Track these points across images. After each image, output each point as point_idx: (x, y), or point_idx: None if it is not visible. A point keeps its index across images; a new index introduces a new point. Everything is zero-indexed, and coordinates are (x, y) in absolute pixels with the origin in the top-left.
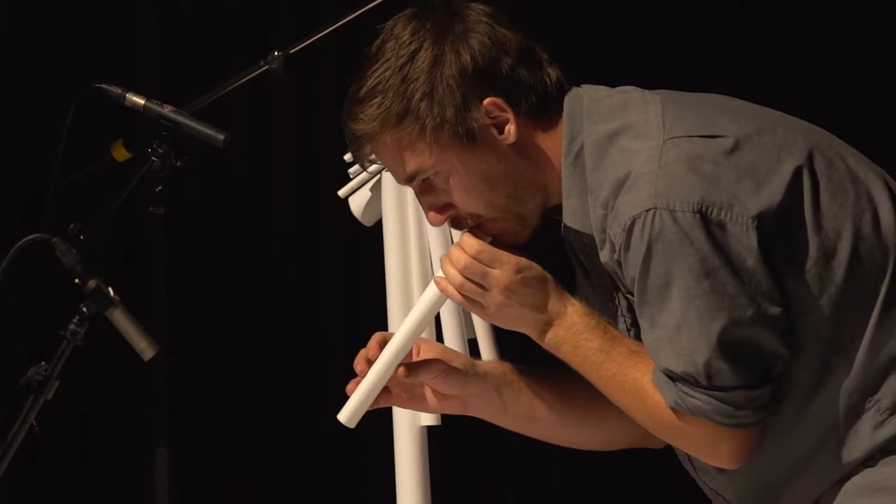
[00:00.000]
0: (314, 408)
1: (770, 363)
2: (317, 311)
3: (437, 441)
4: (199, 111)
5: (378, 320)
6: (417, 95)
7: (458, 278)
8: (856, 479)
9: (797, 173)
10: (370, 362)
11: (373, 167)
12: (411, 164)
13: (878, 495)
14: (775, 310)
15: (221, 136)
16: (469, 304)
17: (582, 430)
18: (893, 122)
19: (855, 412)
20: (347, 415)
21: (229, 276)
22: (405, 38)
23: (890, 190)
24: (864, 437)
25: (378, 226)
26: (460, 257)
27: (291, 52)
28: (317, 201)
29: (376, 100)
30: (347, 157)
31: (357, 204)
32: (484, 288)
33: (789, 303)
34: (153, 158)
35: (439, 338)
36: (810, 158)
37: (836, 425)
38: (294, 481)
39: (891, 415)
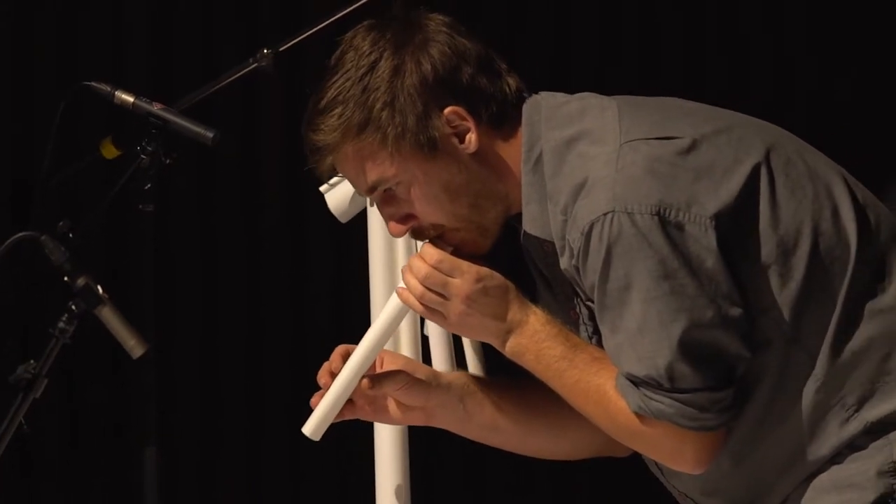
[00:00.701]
0: (304, 406)
1: (732, 365)
2: (307, 309)
3: (420, 439)
4: (189, 109)
5: (368, 318)
6: (378, 105)
7: (419, 288)
8: (823, 477)
9: (755, 171)
10: (334, 375)
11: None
12: (373, 175)
13: (845, 492)
14: (735, 311)
15: (210, 134)
16: (430, 313)
17: (545, 440)
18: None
19: (821, 409)
20: (312, 427)
21: (219, 274)
22: (365, 48)
23: (849, 187)
24: (830, 433)
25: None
26: (420, 267)
27: (281, 49)
28: (306, 198)
29: (337, 110)
30: None
31: (334, 200)
32: (444, 297)
33: (750, 300)
34: (142, 156)
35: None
36: (768, 156)
37: (802, 423)
38: (283, 480)
39: (856, 411)
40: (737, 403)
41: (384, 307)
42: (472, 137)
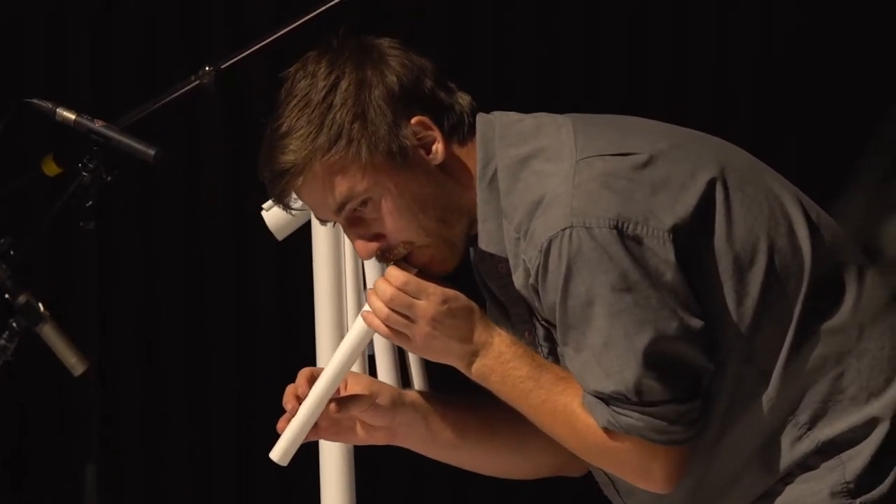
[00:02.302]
0: (249, 420)
1: (697, 376)
2: (250, 325)
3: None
4: (130, 126)
5: (312, 331)
6: (349, 119)
7: (384, 311)
8: (777, 497)
9: (710, 186)
10: (300, 399)
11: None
12: (342, 190)
13: None
14: (697, 322)
15: (152, 151)
16: (396, 336)
17: (507, 460)
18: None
19: (774, 428)
20: (280, 452)
21: (161, 291)
22: (322, 71)
23: (803, 206)
24: (782, 452)
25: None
26: (386, 289)
27: (222, 67)
28: (248, 216)
29: (302, 131)
30: None
31: (271, 217)
32: (410, 320)
33: (708, 315)
34: (84, 173)
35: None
36: (723, 172)
37: (756, 442)
38: (230, 494)
39: (809, 430)
40: (702, 417)
41: (350, 330)
42: (438, 147)
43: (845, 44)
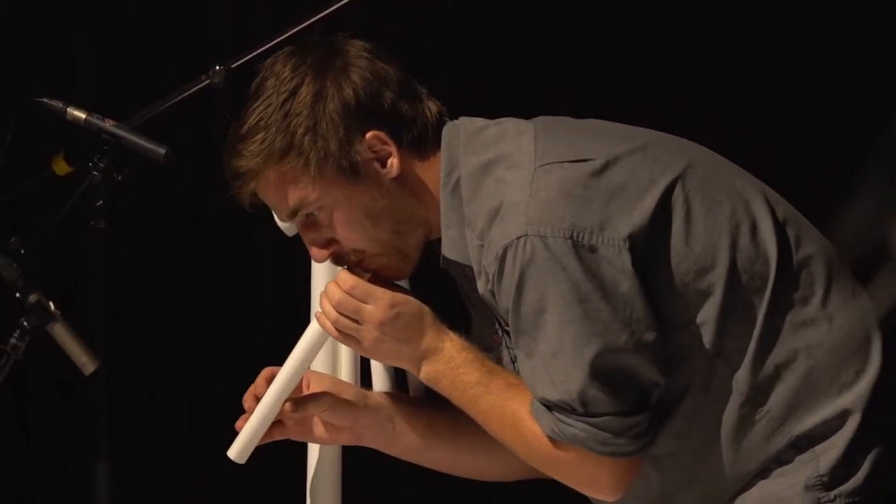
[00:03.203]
0: None
1: (646, 390)
2: (256, 325)
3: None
4: (141, 125)
5: None
6: (301, 130)
7: (333, 313)
8: (752, 492)
9: (669, 190)
10: (258, 399)
11: None
12: (294, 199)
13: None
14: (650, 336)
15: (162, 151)
16: (345, 339)
17: (477, 461)
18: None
19: (746, 423)
20: (237, 451)
21: (170, 291)
22: (286, 74)
23: (769, 203)
24: (757, 448)
25: None
26: (335, 293)
27: (232, 66)
28: (256, 216)
29: (259, 136)
30: None
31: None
32: (358, 323)
33: (669, 318)
34: (94, 173)
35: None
36: (684, 174)
37: (729, 438)
38: (233, 495)
39: (781, 424)
40: (652, 429)
41: (306, 331)
42: (393, 162)
43: (847, 43)
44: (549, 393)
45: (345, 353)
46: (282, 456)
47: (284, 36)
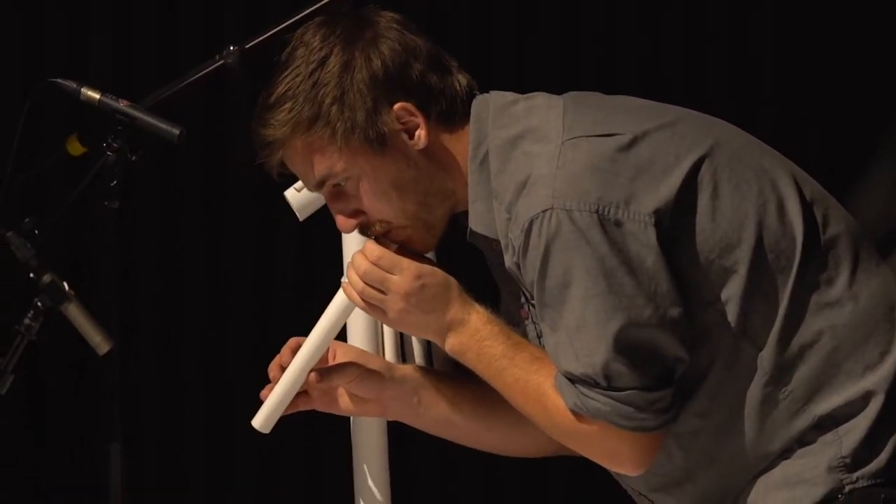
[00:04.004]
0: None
1: (669, 366)
2: (270, 304)
3: (397, 430)
4: (155, 106)
5: None
6: (328, 100)
7: (359, 283)
8: (775, 472)
9: (696, 167)
10: (283, 369)
11: None
12: (321, 169)
13: (796, 488)
14: (675, 311)
15: (176, 131)
16: (371, 309)
17: (503, 437)
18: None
19: (769, 403)
20: (261, 420)
21: (184, 271)
22: (315, 44)
23: (797, 182)
24: (779, 428)
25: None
26: (361, 263)
27: (247, 47)
28: (271, 196)
29: (287, 105)
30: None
31: (294, 196)
32: (384, 293)
33: (694, 294)
34: (108, 153)
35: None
36: (711, 152)
37: (752, 417)
38: (249, 475)
39: (805, 404)
40: (675, 405)
41: (332, 301)
42: (421, 134)
43: (859, 32)
44: (573, 366)
45: (388, 329)
46: (297, 439)
47: (299, 16)
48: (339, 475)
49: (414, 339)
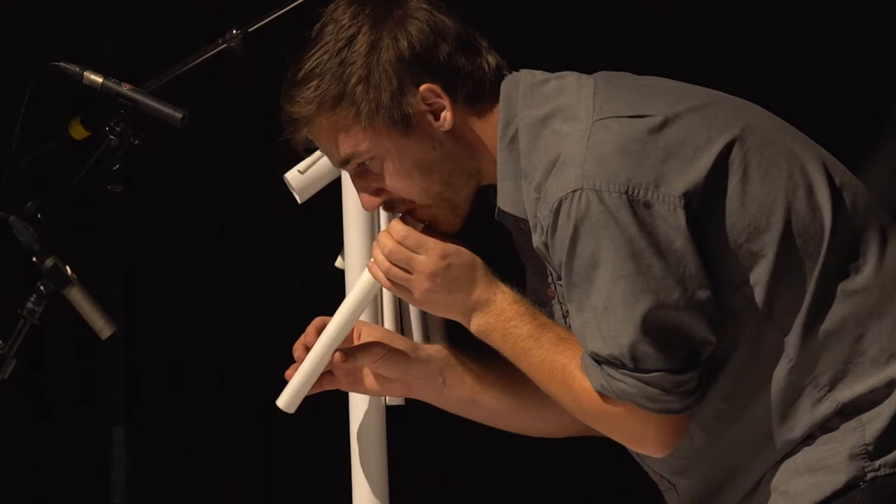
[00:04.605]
0: (273, 384)
1: (697, 349)
2: (275, 288)
3: (395, 422)
4: (157, 89)
5: (337, 300)
6: (354, 80)
7: (385, 263)
8: (797, 458)
9: (726, 150)
10: (308, 348)
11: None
12: (346, 148)
13: (817, 474)
14: (703, 293)
15: (179, 115)
16: (396, 289)
17: (527, 418)
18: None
19: (794, 389)
20: (286, 400)
21: (188, 255)
22: (344, 21)
23: (826, 168)
24: (802, 414)
25: (336, 205)
26: (386, 242)
27: (249, 30)
28: (274, 180)
29: (313, 83)
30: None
31: (295, 179)
32: (410, 273)
33: (722, 277)
34: (111, 137)
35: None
36: (742, 135)
37: (775, 402)
38: (252, 458)
39: (829, 391)
40: (702, 388)
41: (357, 280)
42: (446, 115)
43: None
44: (600, 347)
45: (387, 307)
46: (301, 423)
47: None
48: (338, 462)
49: (414, 320)
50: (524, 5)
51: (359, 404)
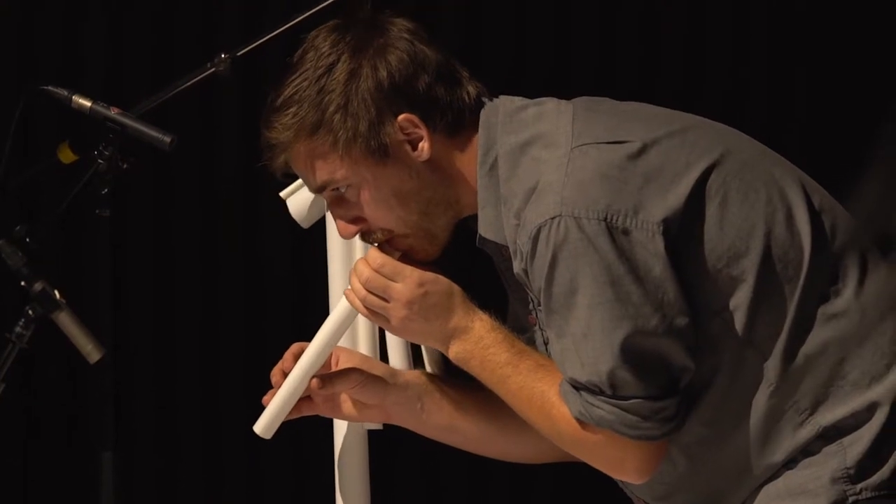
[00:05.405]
0: (261, 411)
1: (676, 376)
2: (263, 313)
3: (380, 445)
4: (146, 113)
5: (324, 316)
6: (332, 108)
7: (362, 291)
8: (778, 482)
9: (705, 175)
10: (286, 374)
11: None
12: (322, 175)
13: (798, 499)
14: (681, 320)
15: (167, 139)
16: (374, 316)
17: (506, 443)
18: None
19: (775, 413)
20: (263, 426)
21: (176, 279)
22: (325, 49)
23: (805, 192)
24: (784, 438)
25: (323, 227)
26: (363, 270)
27: (238, 54)
28: (263, 203)
29: (292, 109)
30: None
31: (295, 205)
32: (387, 301)
33: (701, 303)
34: (99, 161)
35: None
36: (721, 160)
37: (756, 427)
38: (241, 483)
39: (810, 415)
40: (680, 415)
41: (335, 308)
42: (424, 146)
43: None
44: (578, 374)
45: (363, 332)
46: (288, 447)
47: (292, 23)
48: (326, 485)
49: (392, 346)
50: (516, 23)
51: (342, 428)
